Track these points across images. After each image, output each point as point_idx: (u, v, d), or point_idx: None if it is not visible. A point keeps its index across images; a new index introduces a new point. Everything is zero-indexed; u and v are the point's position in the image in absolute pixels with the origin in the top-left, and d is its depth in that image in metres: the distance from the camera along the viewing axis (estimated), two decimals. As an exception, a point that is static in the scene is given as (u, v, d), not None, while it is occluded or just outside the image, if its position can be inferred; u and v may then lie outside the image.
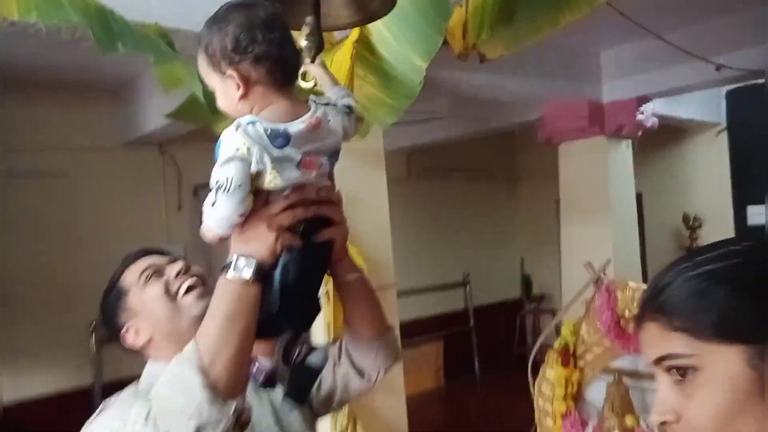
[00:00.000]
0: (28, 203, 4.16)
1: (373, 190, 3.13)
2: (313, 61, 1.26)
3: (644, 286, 2.62)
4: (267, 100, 1.03)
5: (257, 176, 0.96)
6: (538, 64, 4.07)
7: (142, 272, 1.21)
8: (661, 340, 0.71)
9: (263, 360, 1.21)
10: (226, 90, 1.04)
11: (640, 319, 0.74)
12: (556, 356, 2.82)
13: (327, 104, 1.08)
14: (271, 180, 0.97)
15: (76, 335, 4.28)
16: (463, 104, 4.68)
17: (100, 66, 3.83)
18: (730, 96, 5.66)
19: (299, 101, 1.06)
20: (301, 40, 1.26)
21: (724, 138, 5.97)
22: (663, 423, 0.70)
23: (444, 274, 6.94)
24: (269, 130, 0.96)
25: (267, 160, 0.95)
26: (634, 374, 2.63)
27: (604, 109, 4.61)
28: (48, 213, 4.25)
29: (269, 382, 1.22)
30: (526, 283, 7.70)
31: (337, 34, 2.45)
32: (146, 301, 1.19)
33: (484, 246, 7.39)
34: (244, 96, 1.02)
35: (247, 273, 0.97)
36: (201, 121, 2.66)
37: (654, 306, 0.73)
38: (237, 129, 0.96)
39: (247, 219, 0.99)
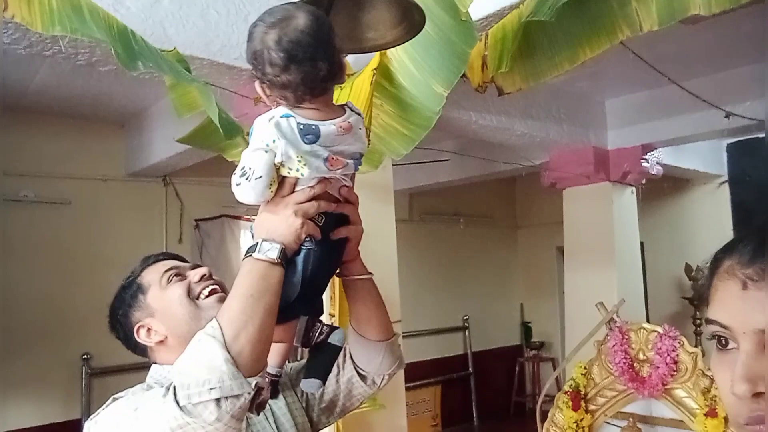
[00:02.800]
0: (28, 230, 4.11)
1: (382, 224, 3.10)
2: None
3: (659, 329, 2.57)
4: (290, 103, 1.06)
5: (283, 165, 1.00)
6: (545, 109, 4.12)
7: (165, 272, 1.20)
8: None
9: (269, 367, 1.20)
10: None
11: (748, 281, 0.65)
12: (566, 399, 2.73)
13: (359, 114, 1.11)
14: (299, 169, 1.01)
15: (67, 367, 4.18)
16: (469, 145, 4.71)
17: (110, 97, 3.85)
18: (731, 149, 5.73)
19: (334, 105, 1.08)
20: None
21: (725, 190, 6.02)
22: (756, 395, 0.61)
23: (443, 318, 6.86)
24: (302, 126, 1.00)
25: (292, 153, 0.99)
26: (649, 419, 2.55)
27: (609, 155, 4.65)
28: (47, 241, 4.19)
29: (273, 391, 1.22)
30: (526, 329, 7.62)
31: (354, 65, 2.47)
32: (167, 302, 1.18)
33: (484, 291, 7.33)
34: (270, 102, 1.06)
35: (273, 254, 0.99)
36: (212, 147, 2.64)
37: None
38: (270, 120, 0.99)
39: (274, 205, 1.03)
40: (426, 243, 6.62)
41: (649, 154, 4.67)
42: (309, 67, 0.99)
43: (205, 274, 1.22)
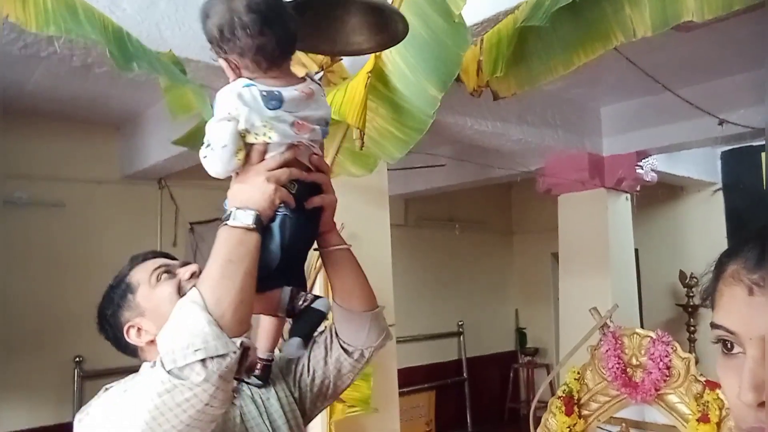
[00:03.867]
0: (21, 232, 4.09)
1: (376, 229, 3.09)
2: None
3: (652, 334, 2.57)
4: (260, 72, 1.07)
5: (248, 131, 1.02)
6: (541, 115, 4.14)
7: (154, 270, 1.18)
8: None
9: (260, 352, 1.23)
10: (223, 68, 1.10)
11: (754, 286, 0.64)
12: (559, 404, 2.73)
13: (320, 85, 1.14)
14: (265, 133, 1.02)
15: (59, 369, 4.15)
16: (465, 151, 4.72)
17: (106, 99, 3.84)
18: (725, 157, 5.76)
19: (293, 74, 1.11)
20: None
21: (720, 197, 6.04)
22: (762, 404, 0.60)
23: (438, 323, 6.84)
24: (264, 92, 1.02)
25: (257, 120, 1.01)
26: (642, 425, 2.55)
27: (604, 162, 4.66)
28: (41, 243, 4.17)
29: (264, 375, 1.24)
30: (521, 335, 7.61)
31: (349, 69, 2.47)
32: (157, 300, 1.16)
33: (479, 297, 7.32)
34: (238, 75, 1.08)
35: (248, 220, 1.00)
36: (207, 150, 2.63)
37: None
38: (231, 91, 1.02)
39: (245, 174, 1.04)
40: (421, 248, 6.62)
41: (643, 161, 4.69)
42: (281, 28, 1.02)
43: (195, 272, 1.19)
